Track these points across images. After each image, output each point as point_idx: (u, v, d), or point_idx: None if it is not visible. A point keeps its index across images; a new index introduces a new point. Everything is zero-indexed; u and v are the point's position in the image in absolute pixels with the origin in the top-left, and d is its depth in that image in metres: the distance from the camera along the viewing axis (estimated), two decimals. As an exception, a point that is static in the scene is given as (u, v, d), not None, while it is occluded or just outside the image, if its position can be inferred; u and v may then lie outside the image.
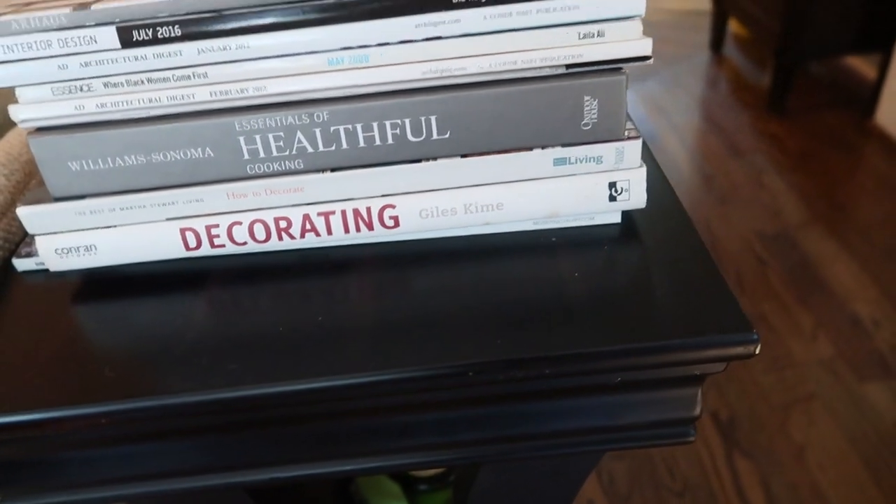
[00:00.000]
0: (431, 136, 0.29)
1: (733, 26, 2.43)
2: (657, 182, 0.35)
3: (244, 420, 0.28)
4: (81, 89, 0.28)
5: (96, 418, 0.26)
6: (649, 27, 0.27)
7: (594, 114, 0.29)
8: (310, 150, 0.29)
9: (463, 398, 0.28)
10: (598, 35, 0.28)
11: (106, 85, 0.28)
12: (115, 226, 0.31)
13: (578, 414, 0.28)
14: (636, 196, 0.31)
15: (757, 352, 0.25)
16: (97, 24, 0.27)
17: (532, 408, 0.28)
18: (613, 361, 0.26)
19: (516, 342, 0.26)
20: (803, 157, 1.82)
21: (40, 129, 0.29)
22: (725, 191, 1.72)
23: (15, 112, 0.28)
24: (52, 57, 0.27)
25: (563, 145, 0.30)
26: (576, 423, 0.28)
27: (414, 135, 0.29)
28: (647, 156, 0.36)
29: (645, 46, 0.28)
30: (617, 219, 0.32)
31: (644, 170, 0.30)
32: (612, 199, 0.31)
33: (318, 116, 0.29)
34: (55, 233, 0.31)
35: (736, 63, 2.31)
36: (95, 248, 0.31)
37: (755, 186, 1.73)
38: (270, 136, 0.29)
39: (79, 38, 0.27)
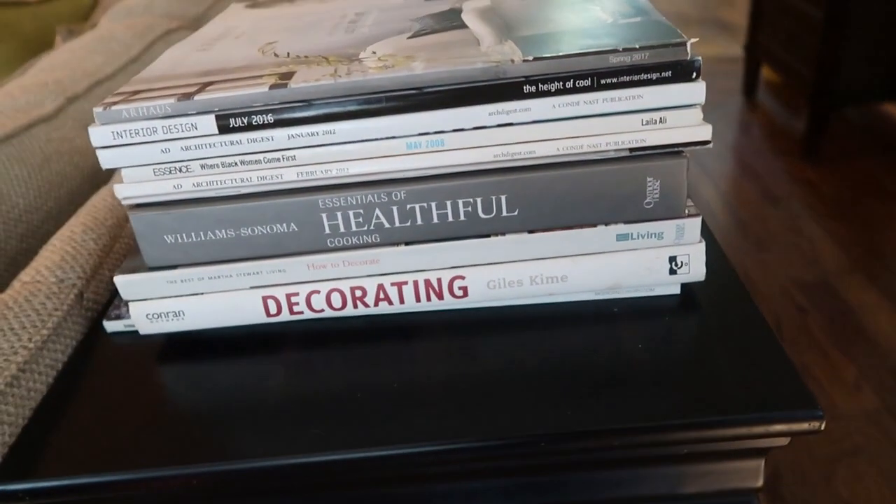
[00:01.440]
0: (501, 213, 0.31)
1: (766, 72, 2.45)
2: (713, 253, 0.36)
3: (325, 483, 0.29)
4: (180, 170, 0.31)
5: (188, 479, 0.28)
6: None
7: (656, 193, 0.30)
8: (387, 225, 0.31)
9: (531, 465, 0.29)
10: (660, 121, 0.29)
11: (203, 166, 0.30)
12: (203, 293, 0.33)
13: (644, 483, 0.29)
14: (696, 269, 0.32)
15: (822, 428, 0.26)
16: (198, 113, 0.29)
17: (597, 476, 0.29)
18: (681, 434, 0.27)
19: (586, 413, 0.27)
20: (840, 204, 1.81)
21: (140, 206, 0.31)
22: (762, 238, 1.71)
23: (119, 190, 0.31)
24: (156, 142, 0.30)
25: (626, 222, 0.31)
26: (641, 491, 0.29)
27: (484, 212, 0.31)
28: (703, 228, 0.37)
29: (705, 132, 0.30)
30: (677, 290, 0.33)
31: (703, 245, 0.32)
32: (673, 272, 0.32)
33: (396, 195, 0.31)
34: (147, 299, 0.33)
35: (769, 109, 2.32)
36: (184, 314, 0.33)
37: (792, 233, 1.72)
38: (350, 212, 0.31)
39: (181, 125, 0.30)
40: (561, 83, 0.29)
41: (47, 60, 0.68)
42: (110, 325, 0.35)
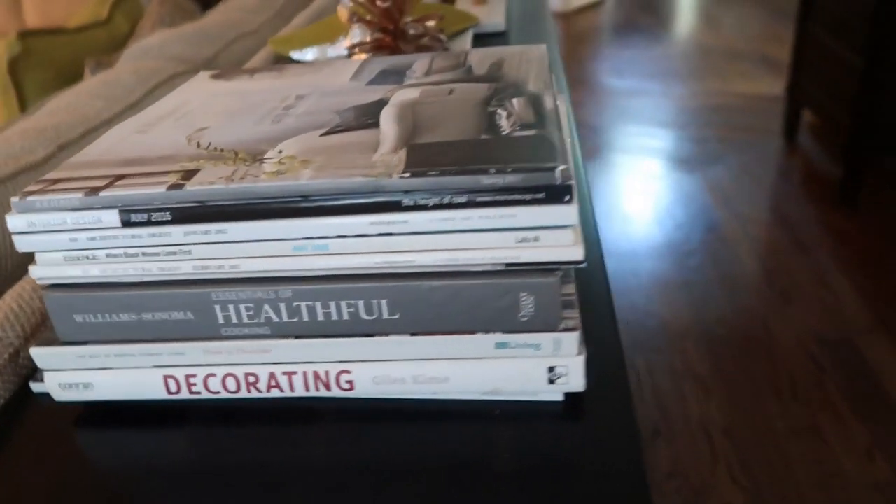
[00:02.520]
0: (382, 316, 0.32)
1: (808, 115, 2.39)
2: (612, 355, 0.36)
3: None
4: (87, 258, 0.33)
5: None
6: (722, 112, 0.29)
7: (531, 308, 0.31)
8: (275, 319, 0.33)
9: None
10: (534, 240, 0.30)
11: (108, 255, 0.33)
12: (109, 368, 0.35)
13: None
14: (575, 381, 0.33)
15: (652, 565, 0.26)
16: (103, 208, 0.32)
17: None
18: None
19: (432, 525, 0.28)
20: (872, 257, 1.75)
21: (53, 286, 0.34)
22: (786, 288, 1.67)
23: (33, 271, 0.33)
24: (65, 231, 0.32)
25: (504, 332, 0.32)
26: None
27: (367, 314, 0.32)
28: (612, 333, 0.38)
29: (577, 253, 0.30)
30: (559, 397, 0.34)
31: (582, 358, 0.32)
32: (552, 381, 0.33)
33: (283, 293, 0.32)
34: (60, 370, 0.35)
35: (809, 153, 2.26)
36: (92, 386, 0.35)
37: (818, 285, 1.67)
38: (242, 306, 0.33)
39: (88, 218, 0.32)
40: (438, 199, 0.30)
41: (54, 102, 0.72)
42: (36, 386, 0.38)
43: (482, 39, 0.94)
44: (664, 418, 1.35)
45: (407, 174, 0.30)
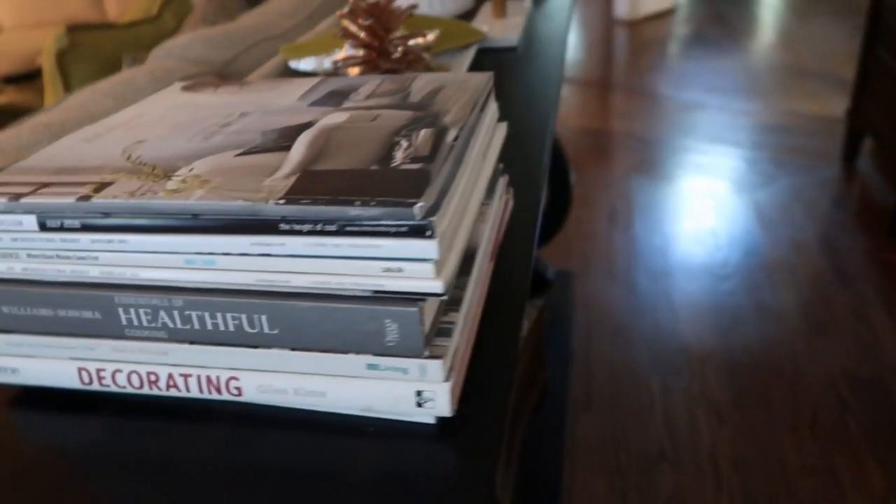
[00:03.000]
0: (264, 330, 0.34)
1: (870, 140, 2.29)
2: (500, 380, 0.38)
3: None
4: (11, 256, 0.36)
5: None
6: (780, 132, 0.29)
7: (395, 334, 0.33)
8: (170, 325, 0.35)
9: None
10: (398, 271, 0.32)
11: (28, 255, 0.36)
12: (33, 356, 0.38)
13: None
14: (441, 406, 0.34)
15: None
16: (24, 212, 0.35)
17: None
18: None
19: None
20: (921, 295, 1.66)
21: (-16, 279, 0.37)
22: (822, 320, 1.61)
23: (-33, 265, 0.37)
24: (-8, 230, 0.36)
25: (374, 354, 0.34)
26: None
27: (249, 327, 0.35)
28: (510, 359, 0.39)
29: (436, 286, 0.32)
30: (430, 420, 0.35)
31: (448, 384, 0.34)
32: (419, 405, 0.34)
33: (176, 302, 0.35)
34: (-9, 354, 0.39)
35: (867, 180, 2.16)
36: (19, 371, 0.39)
37: (856, 319, 1.60)
38: (141, 310, 0.35)
39: (10, 220, 0.35)
40: (311, 225, 0.32)
41: (73, 98, 0.78)
42: (-20, 367, 0.42)
43: (492, 54, 0.95)
44: (672, 442, 1.33)
45: (282, 201, 0.32)
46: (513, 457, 1.22)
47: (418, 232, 0.31)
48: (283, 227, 0.32)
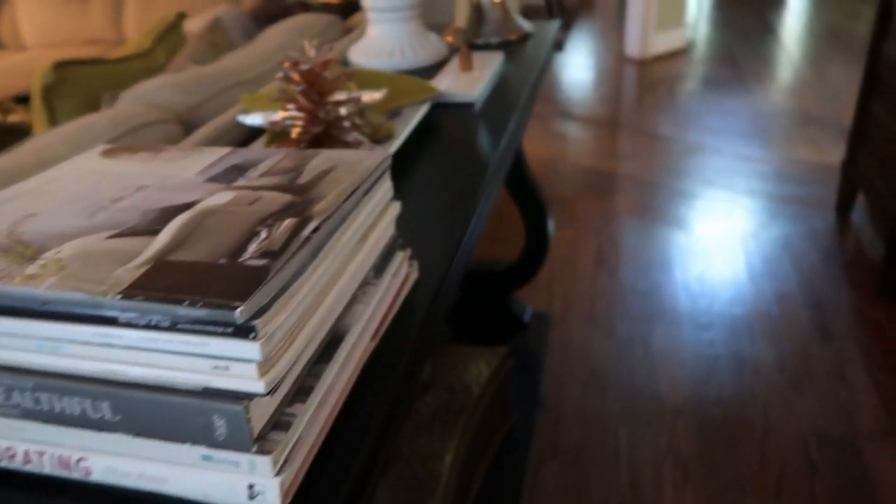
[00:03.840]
0: (106, 416, 0.36)
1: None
2: (349, 473, 0.38)
3: None
4: None
5: None
6: (777, 179, 0.29)
7: (223, 429, 0.34)
8: (23, 404, 0.37)
9: None
10: (225, 369, 0.33)
11: None
12: None
13: None
14: (272, 501, 0.35)
15: None
16: None
17: None
18: None
19: None
20: (902, 355, 1.64)
21: None
22: (798, 376, 1.59)
23: None
24: None
25: (207, 446, 0.35)
26: None
27: (94, 412, 0.36)
28: (365, 457, 0.39)
29: (259, 386, 0.33)
30: (266, 511, 0.36)
31: (279, 479, 0.35)
32: (252, 497, 0.35)
33: (27, 383, 0.36)
34: None
35: (860, 234, 2.15)
36: None
37: (834, 378, 1.58)
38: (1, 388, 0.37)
39: None
40: (146, 320, 0.33)
41: (35, 141, 0.80)
42: None
43: (451, 110, 0.96)
44: (634, 496, 1.32)
45: (119, 296, 0.33)
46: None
47: (242, 333, 0.32)
48: (122, 319, 0.34)
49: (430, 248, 0.63)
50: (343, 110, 0.70)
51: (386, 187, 0.50)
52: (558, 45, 4.53)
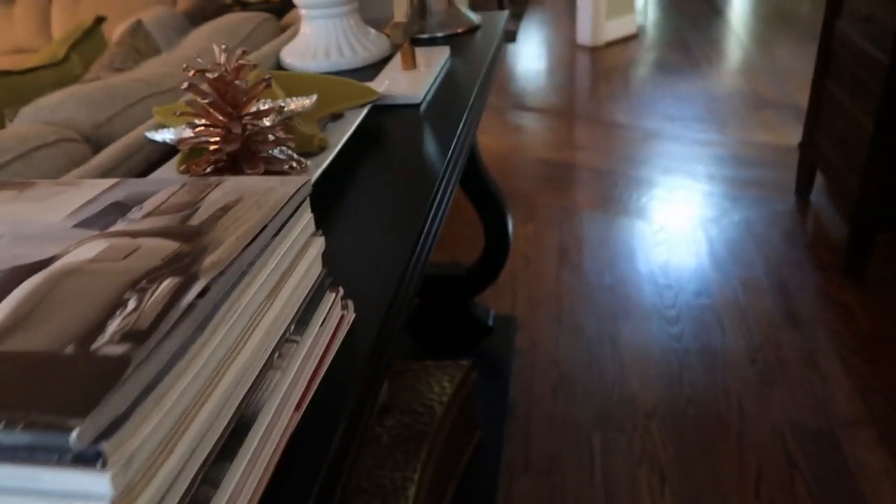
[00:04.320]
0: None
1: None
2: None
3: None
4: None
5: None
6: (735, 163, 0.22)
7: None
8: None
9: None
10: (69, 505, 0.24)
11: None
12: None
13: None
14: None
15: None
16: None
17: None
18: None
19: None
20: (872, 339, 1.61)
21: None
22: (770, 367, 1.55)
23: None
24: None
25: None
26: None
27: None
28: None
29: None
30: None
31: None
32: None
33: None
34: None
35: (821, 215, 2.13)
36: None
37: (806, 366, 1.55)
38: None
39: None
40: (-44, 444, 0.24)
41: None
42: None
43: (395, 112, 0.88)
44: (611, 509, 1.26)
45: (-85, 413, 0.24)
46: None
47: (85, 462, 0.23)
48: (-77, 444, 0.24)
49: (371, 278, 0.54)
50: (265, 122, 0.61)
51: (305, 221, 0.41)
52: (510, 36, 4.46)
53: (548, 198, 2.40)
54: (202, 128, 0.58)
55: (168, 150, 0.78)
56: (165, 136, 0.67)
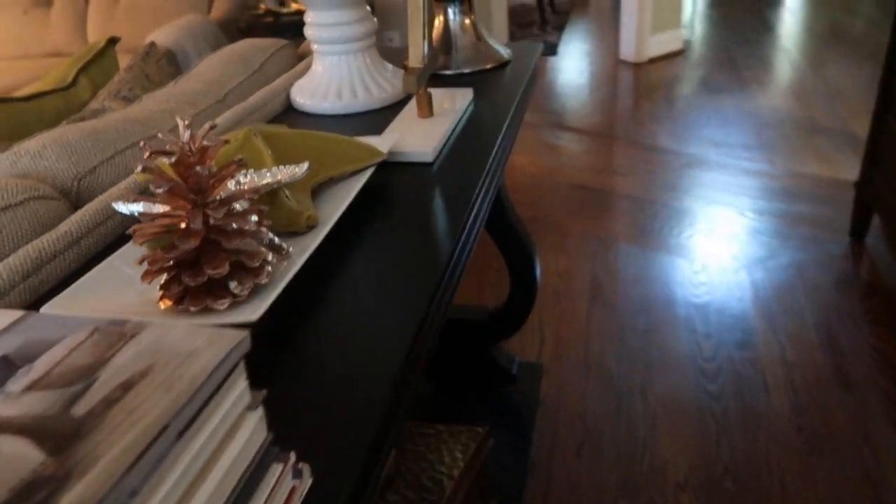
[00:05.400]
0: None
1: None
2: None
3: None
4: None
5: None
6: (786, 197, 0.14)
7: None
8: None
9: None
10: None
11: None
12: None
13: None
14: None
15: None
16: None
17: None
18: None
19: None
20: (933, 408, 1.46)
21: None
22: (817, 435, 1.42)
23: None
24: None
25: None
26: None
27: None
28: None
29: None
30: None
31: None
32: None
33: None
34: None
35: (878, 261, 1.97)
36: None
37: (858, 435, 1.41)
38: None
39: None
40: None
41: None
42: None
43: (405, 170, 0.79)
44: None
45: None
46: None
47: None
48: None
49: (364, 368, 0.45)
50: (236, 206, 0.52)
51: (236, 394, 0.32)
52: (550, 49, 4.34)
53: (582, 226, 2.29)
54: (161, 217, 0.49)
55: (147, 213, 0.70)
56: (134, 208, 0.59)
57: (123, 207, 0.60)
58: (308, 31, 0.97)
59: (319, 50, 0.97)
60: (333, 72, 0.97)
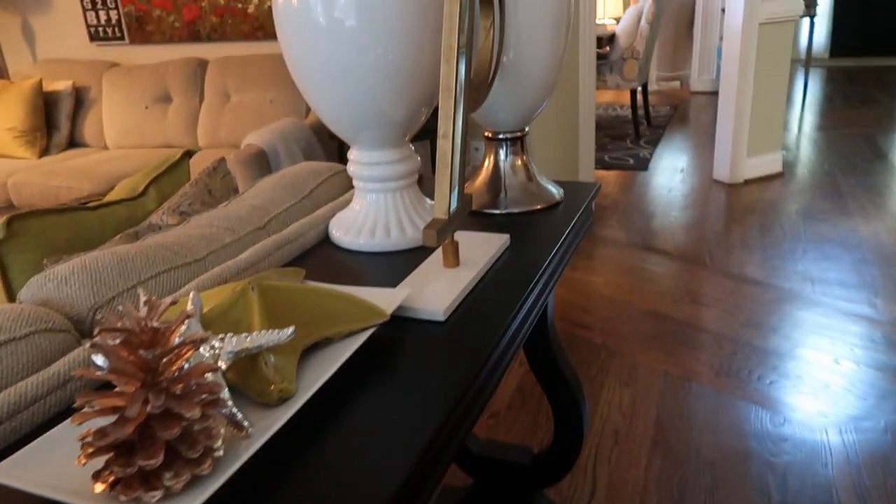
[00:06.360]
0: None
1: None
2: None
3: None
4: None
5: None
6: (887, 345, 0.09)
7: None
8: None
9: None
10: None
11: None
12: None
13: None
14: None
15: None
16: None
17: None
18: None
19: None
20: None
21: None
22: None
23: None
24: None
25: None
26: None
27: None
28: None
29: None
30: None
31: None
32: None
33: None
34: None
35: None
36: None
37: None
38: None
39: None
40: None
41: None
42: None
43: (417, 327, 0.74)
44: None
45: None
46: None
47: None
48: None
49: None
50: (193, 385, 0.49)
51: None
52: (642, 164, 4.29)
53: (653, 359, 2.15)
54: (102, 398, 0.46)
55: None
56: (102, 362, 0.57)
57: (99, 359, 0.58)
58: (350, 168, 0.97)
59: (360, 186, 0.96)
60: (371, 209, 0.96)
